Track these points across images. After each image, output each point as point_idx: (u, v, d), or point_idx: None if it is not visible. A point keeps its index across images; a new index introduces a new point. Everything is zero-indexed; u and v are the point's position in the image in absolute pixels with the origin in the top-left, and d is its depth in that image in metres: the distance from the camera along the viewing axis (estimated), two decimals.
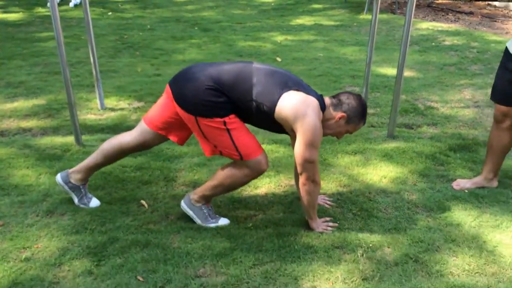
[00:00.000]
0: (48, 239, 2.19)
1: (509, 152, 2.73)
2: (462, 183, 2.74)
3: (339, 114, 2.20)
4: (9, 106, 3.79)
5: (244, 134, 2.16)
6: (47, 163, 2.86)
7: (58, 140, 3.20)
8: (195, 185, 2.69)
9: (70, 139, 3.20)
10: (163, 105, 2.25)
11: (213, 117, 2.09)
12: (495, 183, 2.74)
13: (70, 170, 2.41)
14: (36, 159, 2.91)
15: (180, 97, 2.13)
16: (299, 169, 2.16)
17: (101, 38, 6.01)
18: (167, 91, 2.21)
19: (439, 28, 6.92)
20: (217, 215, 2.39)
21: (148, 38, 6.15)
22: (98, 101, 3.77)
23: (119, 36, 6.20)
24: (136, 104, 3.90)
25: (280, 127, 2.19)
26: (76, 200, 2.43)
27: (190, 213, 2.34)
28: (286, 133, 2.24)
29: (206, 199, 2.33)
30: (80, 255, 2.08)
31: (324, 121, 2.21)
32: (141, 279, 1.95)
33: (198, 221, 2.33)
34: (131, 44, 5.84)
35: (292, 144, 2.24)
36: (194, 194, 2.32)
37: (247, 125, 2.23)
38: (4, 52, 5.35)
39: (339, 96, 2.25)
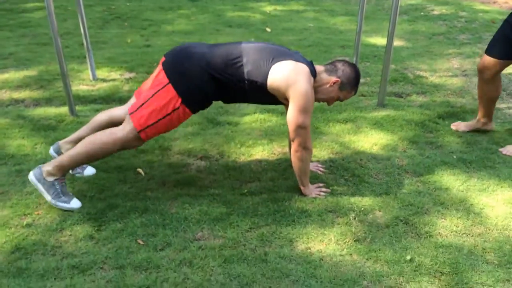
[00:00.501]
0: (48, 206, 2.23)
1: (497, 100, 2.97)
2: (460, 126, 3.09)
3: (333, 79, 2.26)
4: (0, 77, 3.76)
5: (167, 124, 2.17)
6: (42, 133, 2.87)
7: (52, 110, 3.21)
8: (189, 153, 2.74)
9: (64, 109, 3.20)
10: (153, 78, 2.26)
11: (182, 99, 2.11)
12: (490, 126, 3.05)
13: (61, 141, 2.45)
14: (31, 129, 2.92)
15: (173, 71, 2.13)
16: (291, 135, 2.22)
17: (89, 9, 5.91)
18: (161, 63, 2.22)
19: None
20: (71, 193, 2.25)
21: (136, 9, 6.06)
22: (89, 72, 3.76)
23: (106, 7, 6.11)
24: (128, 75, 3.90)
25: (275, 99, 2.24)
26: (70, 171, 2.47)
27: (39, 187, 2.16)
28: (282, 103, 2.28)
29: (62, 172, 2.18)
30: (81, 221, 2.13)
31: (317, 87, 2.26)
32: (141, 242, 2.02)
33: (48, 198, 2.17)
34: (119, 15, 5.76)
35: (286, 113, 2.28)
36: (49, 166, 2.16)
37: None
38: None
39: (335, 62, 2.31)
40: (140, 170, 2.55)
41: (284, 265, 1.92)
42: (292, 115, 2.16)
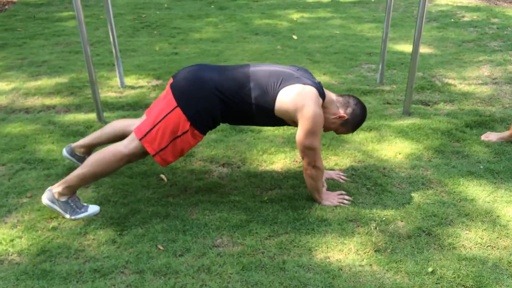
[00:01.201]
0: None
1: None
2: (491, 136, 3.00)
3: (340, 114, 2.30)
4: (33, 84, 3.90)
5: (180, 146, 2.18)
6: (71, 139, 2.96)
7: (81, 117, 3.30)
8: (212, 160, 2.77)
9: (92, 116, 3.29)
10: (162, 99, 2.26)
11: (190, 122, 2.13)
12: None
13: (74, 144, 2.55)
14: (60, 135, 3.01)
15: (181, 94, 2.14)
16: (300, 155, 2.25)
17: (119, 18, 6.07)
18: (169, 85, 2.23)
19: (459, 4, 6.79)
20: (85, 204, 2.30)
21: (165, 17, 6.18)
22: (118, 79, 3.85)
23: (137, 15, 6.25)
24: (155, 82, 3.97)
25: (283, 122, 2.28)
26: None
27: (56, 208, 2.22)
28: (289, 125, 2.30)
29: (72, 191, 2.22)
30: (104, 225, 2.18)
31: (324, 109, 2.27)
32: (161, 247, 2.05)
33: (67, 216, 2.23)
34: (149, 23, 5.89)
35: None
36: (58, 187, 2.20)
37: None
38: (26, 32, 5.45)
39: (349, 98, 2.35)
40: (162, 176, 2.59)
41: (302, 274, 1.92)
42: (299, 136, 2.19)
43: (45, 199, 2.22)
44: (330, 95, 2.33)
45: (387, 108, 3.49)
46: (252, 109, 2.20)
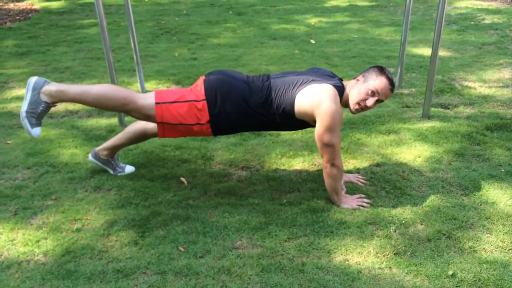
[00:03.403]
0: (96, 212, 2.35)
1: None
2: None
3: (356, 78, 2.32)
4: None
5: (183, 121, 2.24)
6: (93, 143, 3.03)
7: (103, 121, 3.38)
8: (231, 163, 2.80)
9: (114, 120, 3.36)
10: (191, 88, 2.34)
11: (210, 119, 2.22)
12: None
13: (97, 149, 2.62)
14: (83, 139, 3.08)
15: (212, 92, 2.22)
16: (320, 152, 2.27)
17: (140, 24, 6.17)
18: (202, 80, 2.30)
19: (479, 6, 6.72)
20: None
21: (184, 23, 6.27)
22: (138, 84, 3.92)
23: (156, 22, 6.35)
24: (174, 87, 4.03)
25: (307, 123, 2.32)
26: (111, 171, 2.65)
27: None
28: (313, 126, 2.32)
29: (66, 98, 2.24)
30: (126, 227, 2.23)
31: (347, 99, 2.30)
32: (182, 249, 2.08)
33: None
34: (168, 29, 5.98)
35: None
36: (54, 86, 2.24)
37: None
38: (49, 39, 5.59)
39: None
40: (183, 179, 2.63)
41: (322, 276, 1.93)
42: (318, 133, 2.21)
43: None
44: (346, 82, 2.37)
45: (406, 112, 3.48)
46: (276, 118, 2.27)
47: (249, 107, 2.24)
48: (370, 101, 2.25)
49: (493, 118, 3.30)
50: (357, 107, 2.29)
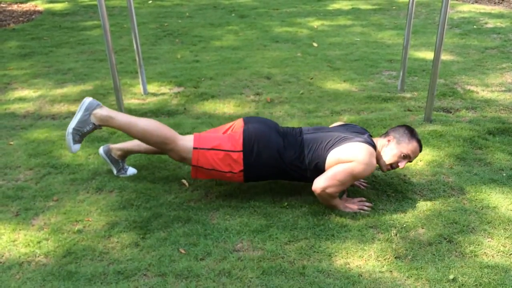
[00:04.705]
0: (98, 213, 2.35)
1: None
2: None
3: (387, 138, 2.37)
4: (59, 91, 4.01)
5: (217, 168, 2.32)
6: (95, 144, 3.04)
7: None
8: None
9: None
10: (230, 132, 2.41)
11: (244, 168, 2.29)
12: None
13: (112, 145, 2.63)
14: (85, 140, 3.09)
15: (249, 144, 2.29)
16: (324, 179, 2.27)
17: (142, 26, 6.19)
18: (242, 127, 2.37)
19: (482, 10, 6.72)
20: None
21: (187, 26, 6.28)
22: (141, 86, 3.93)
23: (159, 24, 6.37)
24: (177, 89, 4.04)
25: None
26: (115, 171, 2.66)
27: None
28: None
29: (114, 125, 2.36)
30: (127, 229, 2.23)
31: (378, 157, 2.37)
32: (183, 251, 2.09)
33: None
34: (171, 31, 5.99)
35: None
36: (102, 110, 2.36)
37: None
38: (52, 41, 5.61)
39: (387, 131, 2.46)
40: (184, 181, 2.64)
41: (322, 279, 1.93)
42: (341, 168, 2.24)
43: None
44: (375, 139, 2.44)
45: (408, 115, 3.48)
46: (306, 173, 2.35)
47: (282, 161, 2.31)
48: (402, 164, 2.36)
49: (495, 122, 3.30)
50: (389, 167, 2.39)
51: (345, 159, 2.24)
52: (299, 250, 2.09)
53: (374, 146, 2.35)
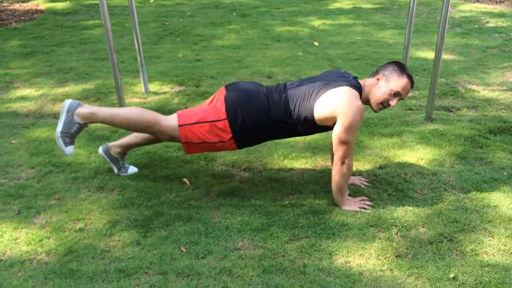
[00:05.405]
0: (99, 212, 2.36)
1: None
2: None
3: (376, 77, 2.32)
4: (61, 90, 4.02)
5: (208, 141, 2.32)
6: (97, 143, 3.05)
7: None
8: (233, 164, 2.81)
9: None
10: (212, 104, 2.39)
11: (233, 135, 2.28)
12: None
13: (110, 144, 2.63)
14: (87, 139, 3.10)
15: (232, 110, 2.28)
16: (334, 149, 2.26)
17: (144, 25, 6.20)
18: (223, 95, 2.36)
19: (483, 10, 6.71)
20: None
21: (188, 25, 6.29)
22: (142, 85, 3.94)
23: (160, 23, 6.37)
24: (178, 88, 4.05)
25: (328, 127, 2.34)
26: (115, 170, 2.66)
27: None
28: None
29: (97, 120, 2.38)
30: (129, 227, 2.24)
31: (367, 96, 2.33)
32: (184, 249, 2.09)
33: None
34: (172, 30, 6.00)
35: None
36: (84, 108, 2.37)
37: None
38: (54, 40, 5.62)
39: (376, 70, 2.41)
40: (185, 179, 2.64)
41: (323, 277, 1.93)
42: (337, 131, 2.22)
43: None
44: (363, 81, 2.39)
45: (409, 114, 3.48)
46: (298, 128, 2.32)
47: (270, 121, 2.29)
48: (393, 102, 2.31)
49: (496, 122, 3.30)
50: (380, 106, 2.34)
51: (331, 107, 2.20)
52: (300, 248, 2.10)
53: (359, 88, 2.30)
